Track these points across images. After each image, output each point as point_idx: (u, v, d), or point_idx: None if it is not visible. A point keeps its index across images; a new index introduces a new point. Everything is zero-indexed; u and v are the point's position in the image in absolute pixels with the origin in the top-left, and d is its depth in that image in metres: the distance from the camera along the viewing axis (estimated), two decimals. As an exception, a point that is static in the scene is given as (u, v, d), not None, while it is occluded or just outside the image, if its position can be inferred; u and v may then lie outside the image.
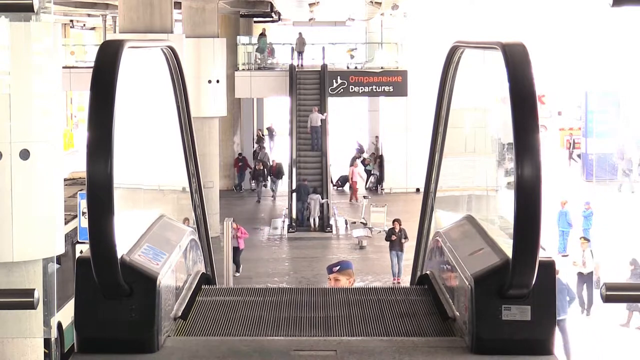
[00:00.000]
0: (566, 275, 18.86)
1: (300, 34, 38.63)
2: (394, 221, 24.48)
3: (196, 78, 28.00)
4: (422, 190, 6.47)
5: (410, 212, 26.83)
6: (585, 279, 20.06)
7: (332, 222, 30.46)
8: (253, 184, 37.33)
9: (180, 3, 30.56)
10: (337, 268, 7.54)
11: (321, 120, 33.26)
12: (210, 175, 28.18)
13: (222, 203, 30.81)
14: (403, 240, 23.65)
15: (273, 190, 37.26)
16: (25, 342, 10.52)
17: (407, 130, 36.03)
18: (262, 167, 37.29)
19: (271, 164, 38.11)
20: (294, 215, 30.96)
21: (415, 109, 34.06)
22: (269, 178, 37.67)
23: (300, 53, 37.79)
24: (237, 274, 23.70)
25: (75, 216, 17.82)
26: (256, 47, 38.64)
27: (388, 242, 24.22)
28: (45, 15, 9.93)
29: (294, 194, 31.47)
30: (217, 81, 29.65)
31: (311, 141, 33.56)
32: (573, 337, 17.55)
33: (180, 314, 4.56)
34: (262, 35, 39.62)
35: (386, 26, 40.16)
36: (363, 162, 38.81)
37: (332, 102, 35.38)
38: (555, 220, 26.32)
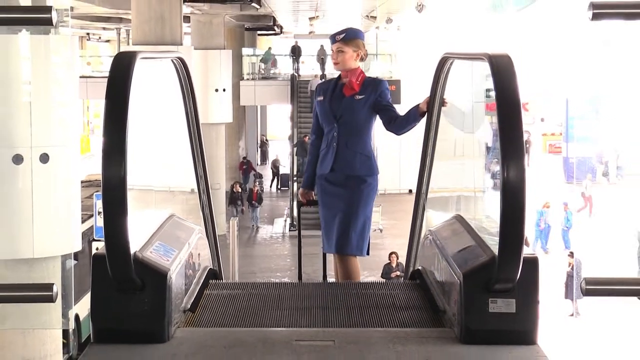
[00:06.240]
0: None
1: (322, 46, 38.66)
2: (390, 255, 20.44)
3: (204, 87, 27.98)
4: (414, 191, 6.45)
5: (403, 211, 26.82)
6: None
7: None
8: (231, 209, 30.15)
9: (189, 17, 30.57)
10: (342, 36, 6.06)
11: None
12: (217, 178, 28.15)
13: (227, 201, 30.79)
14: (400, 274, 18.46)
15: (253, 220, 31.27)
16: (45, 333, 10.51)
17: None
18: (239, 190, 31.53)
19: (252, 188, 32.64)
20: (295, 169, 31.28)
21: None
22: (247, 204, 31.80)
23: (323, 62, 37.82)
24: None
25: (92, 215, 17.83)
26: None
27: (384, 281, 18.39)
28: (63, 29, 9.93)
29: (295, 149, 32.20)
30: (224, 90, 29.64)
31: (310, 105, 34.00)
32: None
33: (189, 306, 4.55)
34: (295, 46, 39.63)
35: (381, 38, 40.16)
36: None
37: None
38: (535, 219, 26.38)
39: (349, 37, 6.04)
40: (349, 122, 6.02)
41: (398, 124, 6.00)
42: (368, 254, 6.21)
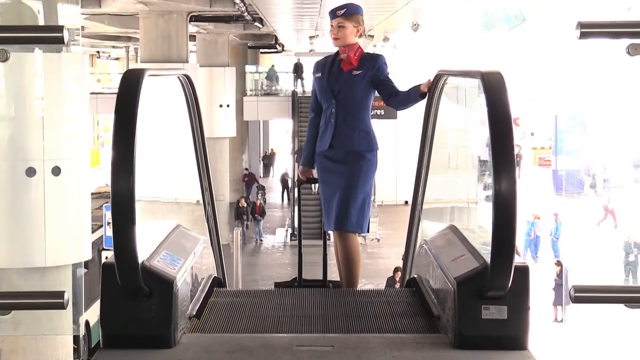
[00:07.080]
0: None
1: None
2: (395, 270, 19.29)
3: (209, 103, 28.03)
4: (410, 202, 6.44)
5: (400, 222, 26.84)
6: None
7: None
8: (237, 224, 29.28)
9: (194, 36, 30.64)
10: (343, 11, 5.78)
11: None
12: (221, 190, 28.17)
13: (232, 214, 30.77)
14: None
15: (257, 234, 31.08)
16: (57, 339, 10.50)
17: (396, 148, 36.02)
18: (245, 205, 31.30)
19: (256, 202, 32.30)
20: (295, 177, 31.20)
21: (404, 130, 34.08)
22: (251, 217, 31.47)
23: None
24: None
25: (101, 226, 17.83)
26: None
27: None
28: (74, 47, 9.93)
29: (295, 156, 31.82)
30: (228, 105, 29.71)
31: None
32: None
33: (194, 313, 4.54)
34: (297, 64, 39.56)
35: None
36: None
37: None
38: (526, 230, 26.40)
39: (349, 13, 5.81)
40: (347, 97, 5.80)
41: (398, 100, 5.84)
42: (368, 231, 6.09)
